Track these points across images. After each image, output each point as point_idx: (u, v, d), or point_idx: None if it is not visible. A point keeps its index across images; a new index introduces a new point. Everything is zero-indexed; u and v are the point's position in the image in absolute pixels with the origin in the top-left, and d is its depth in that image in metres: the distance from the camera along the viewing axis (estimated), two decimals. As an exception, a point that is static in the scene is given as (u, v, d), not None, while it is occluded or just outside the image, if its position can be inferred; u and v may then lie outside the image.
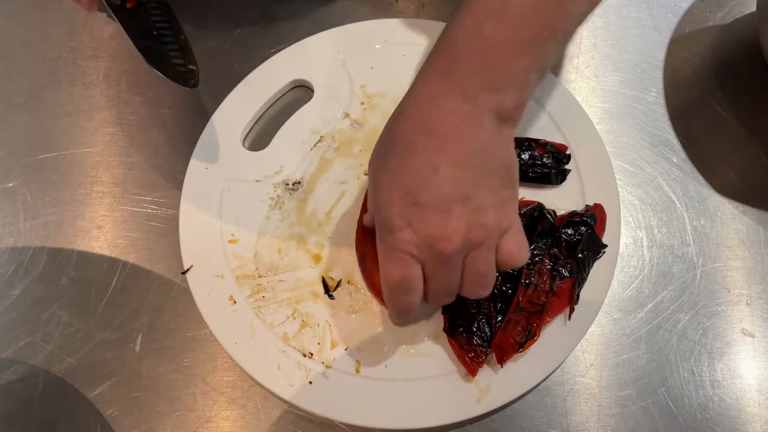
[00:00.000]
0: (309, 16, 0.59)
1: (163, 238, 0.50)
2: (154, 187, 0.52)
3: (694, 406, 0.45)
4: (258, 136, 0.53)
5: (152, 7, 0.47)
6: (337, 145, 0.52)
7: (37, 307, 0.48)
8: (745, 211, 0.51)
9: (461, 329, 0.43)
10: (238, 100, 0.53)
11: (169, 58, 0.45)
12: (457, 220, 0.36)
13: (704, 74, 0.57)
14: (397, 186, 0.37)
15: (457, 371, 0.43)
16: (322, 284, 0.47)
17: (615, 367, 0.46)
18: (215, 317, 0.45)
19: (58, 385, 0.45)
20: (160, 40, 0.45)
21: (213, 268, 0.47)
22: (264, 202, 0.50)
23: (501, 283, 0.45)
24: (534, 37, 0.37)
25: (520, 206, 0.48)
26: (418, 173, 0.36)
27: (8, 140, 0.54)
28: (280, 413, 0.45)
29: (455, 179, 0.36)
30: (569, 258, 0.45)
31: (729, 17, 0.59)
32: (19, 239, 0.50)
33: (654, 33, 0.59)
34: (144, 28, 0.45)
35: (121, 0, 0.46)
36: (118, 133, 0.54)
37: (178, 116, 0.55)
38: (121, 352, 0.46)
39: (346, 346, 0.45)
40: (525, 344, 0.42)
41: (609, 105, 0.55)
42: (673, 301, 0.48)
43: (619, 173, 0.52)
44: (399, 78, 0.54)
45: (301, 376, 0.43)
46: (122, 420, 0.44)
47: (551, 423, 0.44)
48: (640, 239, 0.50)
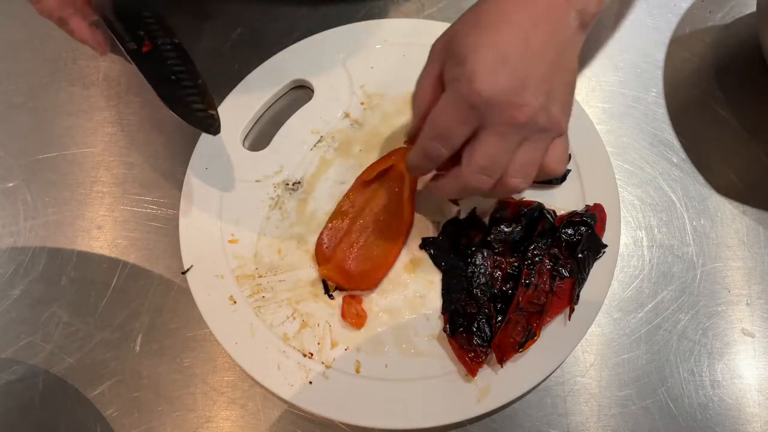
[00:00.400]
0: (309, 16, 0.59)
1: (163, 238, 0.50)
2: (154, 187, 0.52)
3: (694, 406, 0.45)
4: (258, 136, 0.53)
5: (167, 49, 0.46)
6: (337, 145, 0.52)
7: (37, 307, 0.48)
8: (745, 211, 0.51)
9: (461, 329, 0.43)
10: (238, 100, 0.53)
11: (189, 104, 0.44)
12: (533, 96, 0.38)
13: (704, 74, 0.57)
14: (489, 43, 0.38)
15: (457, 371, 0.43)
16: (322, 284, 0.47)
17: (615, 367, 0.46)
18: (215, 317, 0.45)
19: (58, 385, 0.45)
20: (179, 84, 0.45)
21: (213, 268, 0.47)
22: (264, 202, 0.50)
23: (501, 283, 0.45)
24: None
25: (520, 206, 0.48)
26: (512, 40, 0.38)
27: (8, 140, 0.54)
28: (280, 413, 0.45)
29: (542, 58, 0.38)
30: (569, 258, 0.45)
31: (729, 17, 0.59)
32: (19, 239, 0.50)
33: (654, 33, 0.59)
34: (162, 72, 0.45)
35: (137, 44, 0.45)
36: (118, 133, 0.54)
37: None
38: (121, 352, 0.46)
39: (346, 346, 0.45)
40: (525, 344, 0.42)
41: (609, 105, 0.55)
42: (673, 301, 0.48)
43: (619, 173, 0.52)
44: (399, 78, 0.54)
45: (301, 376, 0.43)
46: (122, 420, 0.44)
47: (551, 423, 0.44)
48: (640, 239, 0.50)
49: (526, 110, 0.38)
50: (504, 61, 0.38)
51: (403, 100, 0.53)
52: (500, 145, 0.39)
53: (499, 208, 0.48)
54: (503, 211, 0.48)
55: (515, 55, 0.38)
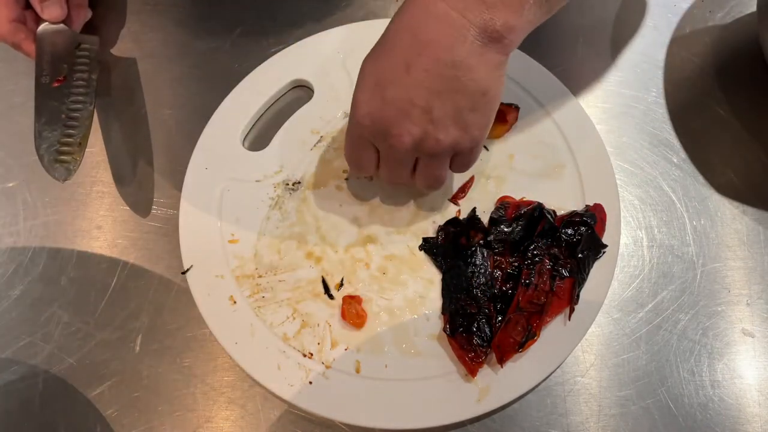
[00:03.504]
0: (309, 16, 0.58)
1: (163, 238, 0.50)
2: (154, 187, 0.52)
3: (694, 406, 0.45)
4: (258, 136, 0.53)
5: (77, 86, 0.48)
6: (337, 145, 0.52)
7: (37, 307, 0.48)
8: (745, 211, 0.51)
9: (461, 329, 0.43)
10: (238, 100, 0.53)
11: (52, 145, 0.46)
12: (412, 125, 0.38)
13: (704, 74, 0.57)
14: (371, 74, 0.39)
15: (457, 371, 0.43)
16: (322, 284, 0.47)
17: (615, 367, 0.46)
18: (215, 317, 0.45)
19: (58, 385, 0.45)
20: (60, 124, 0.47)
21: (213, 268, 0.47)
22: (264, 202, 0.50)
23: (501, 283, 0.45)
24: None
25: (520, 206, 0.48)
26: (393, 68, 0.38)
27: (8, 140, 0.54)
28: (280, 413, 0.45)
29: (423, 86, 0.37)
30: (569, 258, 0.45)
31: (729, 17, 0.59)
32: (19, 239, 0.50)
33: (654, 33, 0.59)
34: (54, 109, 0.47)
35: (50, 78, 0.48)
36: (118, 133, 0.54)
37: (178, 116, 0.55)
38: (121, 352, 0.46)
39: (346, 346, 0.45)
40: (525, 344, 0.42)
41: (609, 105, 0.55)
42: (673, 301, 0.48)
43: (619, 173, 0.52)
44: (399, 78, 0.54)
45: (301, 376, 0.43)
46: (122, 420, 0.44)
47: (551, 423, 0.44)
48: (640, 239, 0.50)
49: (405, 140, 0.39)
50: (383, 90, 0.38)
51: (403, 100, 0.53)
52: (394, 166, 0.42)
53: (499, 208, 0.48)
54: (503, 211, 0.48)
55: (395, 84, 0.37)
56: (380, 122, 0.39)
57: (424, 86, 0.37)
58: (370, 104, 0.39)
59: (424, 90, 0.37)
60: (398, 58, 0.38)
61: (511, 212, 0.47)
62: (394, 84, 0.38)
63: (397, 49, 0.38)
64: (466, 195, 0.50)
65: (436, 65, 0.37)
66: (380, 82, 0.38)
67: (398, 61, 0.38)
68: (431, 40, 0.37)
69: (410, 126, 0.38)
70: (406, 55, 0.37)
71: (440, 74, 0.37)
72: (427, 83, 0.37)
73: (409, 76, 0.37)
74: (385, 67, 0.38)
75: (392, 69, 0.38)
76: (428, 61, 0.37)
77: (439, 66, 0.37)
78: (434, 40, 0.37)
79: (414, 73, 0.37)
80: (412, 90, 0.37)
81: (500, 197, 0.49)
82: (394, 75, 0.38)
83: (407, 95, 0.37)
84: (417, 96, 0.37)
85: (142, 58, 0.57)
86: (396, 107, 0.38)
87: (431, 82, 0.37)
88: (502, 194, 0.49)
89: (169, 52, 0.58)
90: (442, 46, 0.37)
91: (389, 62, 0.38)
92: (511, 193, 0.49)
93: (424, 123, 0.38)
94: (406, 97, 0.37)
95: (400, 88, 0.37)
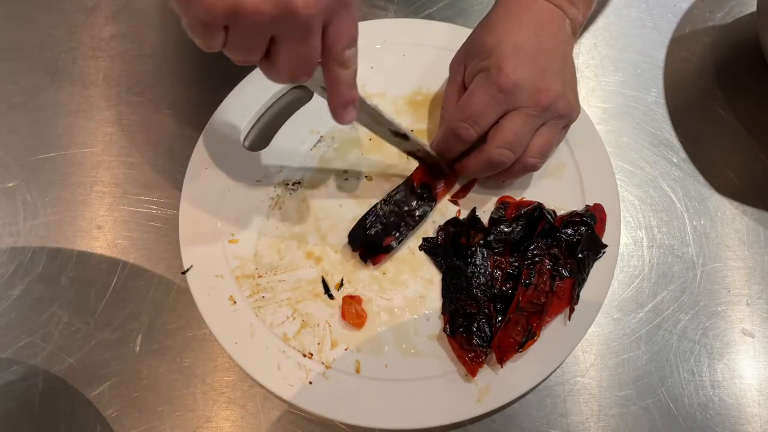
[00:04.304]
0: (309, 16, 0.58)
1: (163, 238, 0.50)
2: (154, 187, 0.52)
3: (694, 406, 0.45)
4: (258, 136, 0.53)
5: None
6: (337, 145, 0.52)
7: (37, 307, 0.48)
8: (745, 211, 0.51)
9: (461, 329, 0.43)
10: (238, 100, 0.53)
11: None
12: (554, 82, 0.43)
13: (704, 74, 0.57)
14: (508, 41, 0.44)
15: (457, 371, 0.43)
16: (322, 284, 0.47)
17: (615, 367, 0.46)
18: (215, 317, 0.45)
19: (58, 385, 0.45)
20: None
21: (213, 268, 0.47)
22: (264, 202, 0.50)
23: (501, 283, 0.45)
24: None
25: (520, 206, 0.48)
26: (526, 37, 0.44)
27: (8, 140, 0.54)
28: (280, 413, 0.45)
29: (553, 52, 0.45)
30: (569, 258, 0.45)
31: (729, 17, 0.59)
32: (19, 239, 0.50)
33: (654, 33, 0.59)
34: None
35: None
36: (118, 133, 0.54)
37: (178, 116, 0.55)
38: (121, 352, 0.46)
39: (346, 346, 0.45)
40: (525, 344, 0.42)
41: (609, 105, 0.55)
42: (673, 301, 0.48)
43: (619, 173, 0.52)
44: (399, 78, 0.54)
45: (301, 376, 0.43)
46: (122, 420, 0.44)
47: (551, 423, 0.44)
48: (640, 239, 0.50)
49: (550, 94, 0.42)
50: (524, 54, 0.42)
51: (403, 100, 0.53)
52: (525, 125, 0.43)
53: (499, 208, 0.48)
54: (503, 211, 0.48)
55: (531, 49, 0.43)
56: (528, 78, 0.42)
57: (554, 52, 0.44)
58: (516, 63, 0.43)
59: (555, 56, 0.44)
60: (526, 30, 0.44)
61: (511, 212, 0.48)
62: (532, 49, 0.43)
63: (522, 24, 0.44)
64: (466, 195, 0.50)
65: (557, 38, 0.44)
66: (520, 48, 0.43)
67: (528, 32, 0.44)
68: (545, 19, 0.45)
69: (552, 83, 0.43)
70: (532, 28, 0.44)
71: (560, 46, 0.45)
72: (556, 50, 0.44)
73: (541, 43, 0.44)
74: (519, 37, 0.44)
75: (525, 38, 0.43)
76: (551, 35, 0.44)
77: (559, 40, 0.45)
78: (548, 20, 0.45)
79: (544, 41, 0.44)
80: (547, 54, 0.44)
81: (500, 197, 0.49)
82: (529, 43, 0.43)
83: (543, 58, 0.43)
84: (551, 60, 0.44)
85: (142, 58, 0.57)
86: (538, 66, 0.43)
87: (558, 50, 0.44)
88: (502, 194, 0.49)
89: (169, 52, 0.58)
90: (555, 26, 0.45)
91: (521, 33, 0.44)
92: (511, 193, 0.49)
93: (560, 83, 0.43)
94: (543, 59, 0.43)
95: (537, 52, 0.43)
